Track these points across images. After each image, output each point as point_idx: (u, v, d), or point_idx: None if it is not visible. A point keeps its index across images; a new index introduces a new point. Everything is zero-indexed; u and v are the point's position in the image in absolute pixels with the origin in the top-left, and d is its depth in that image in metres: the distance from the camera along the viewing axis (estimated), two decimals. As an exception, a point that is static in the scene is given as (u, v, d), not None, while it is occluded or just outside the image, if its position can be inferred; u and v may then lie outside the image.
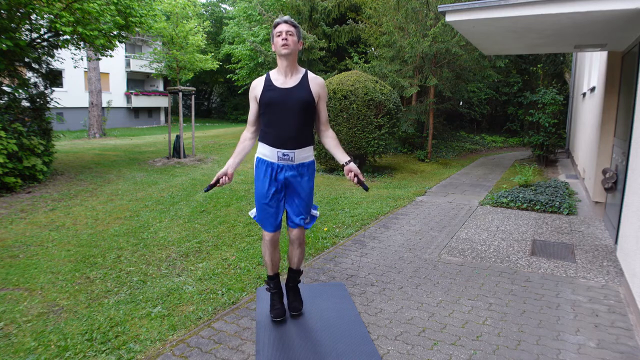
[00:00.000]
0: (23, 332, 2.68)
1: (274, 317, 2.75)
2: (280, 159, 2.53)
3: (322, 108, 2.63)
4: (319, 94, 2.57)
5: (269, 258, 2.73)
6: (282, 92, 2.49)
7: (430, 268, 3.78)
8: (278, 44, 2.45)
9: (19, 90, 7.23)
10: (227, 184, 2.55)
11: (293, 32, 2.47)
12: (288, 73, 2.52)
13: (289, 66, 2.50)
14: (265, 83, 2.53)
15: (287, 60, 2.48)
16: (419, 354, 2.47)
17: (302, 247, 2.78)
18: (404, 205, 6.12)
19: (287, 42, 2.43)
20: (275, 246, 2.73)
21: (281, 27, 2.46)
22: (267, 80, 2.54)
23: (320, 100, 2.60)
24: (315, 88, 2.55)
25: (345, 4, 14.43)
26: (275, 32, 2.48)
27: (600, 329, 2.75)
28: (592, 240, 4.56)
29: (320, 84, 2.58)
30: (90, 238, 4.50)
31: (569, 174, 8.77)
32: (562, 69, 16.24)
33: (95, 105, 16.56)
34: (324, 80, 2.69)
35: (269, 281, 2.83)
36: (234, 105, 31.95)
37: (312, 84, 2.54)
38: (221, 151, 12.22)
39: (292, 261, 2.83)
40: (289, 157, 2.53)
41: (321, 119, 2.66)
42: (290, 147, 2.51)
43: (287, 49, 2.43)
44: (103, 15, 7.22)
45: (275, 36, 2.48)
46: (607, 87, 5.56)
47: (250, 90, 2.60)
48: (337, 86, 8.45)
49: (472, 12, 4.37)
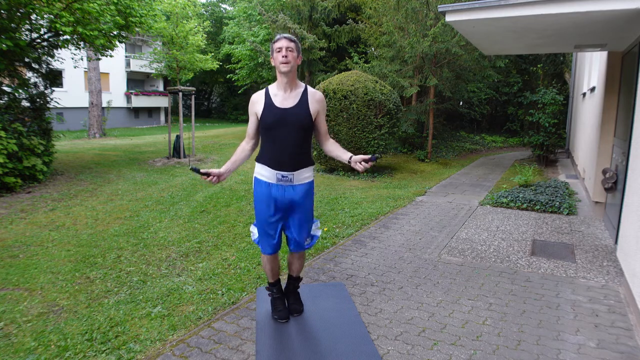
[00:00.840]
0: (23, 332, 2.69)
1: (278, 318, 2.80)
2: (279, 180, 2.53)
3: (321, 121, 2.64)
4: (317, 110, 2.57)
5: (269, 268, 2.78)
6: (281, 113, 2.48)
7: (430, 268, 3.78)
8: (278, 60, 2.46)
9: (19, 90, 7.23)
10: (213, 183, 2.55)
11: (293, 48, 2.47)
12: (287, 89, 2.52)
13: (288, 83, 2.51)
14: (266, 101, 2.52)
15: (287, 77, 2.49)
16: (419, 354, 2.47)
17: (302, 258, 2.83)
18: (404, 205, 6.12)
19: (288, 58, 2.44)
20: (275, 260, 2.77)
21: (281, 43, 2.45)
22: (267, 97, 2.53)
23: (319, 115, 2.61)
24: (314, 106, 2.54)
25: (345, 4, 14.43)
26: (275, 47, 2.48)
27: (600, 329, 2.75)
28: (592, 240, 4.56)
29: (319, 100, 2.59)
30: (90, 238, 4.51)
31: (569, 174, 8.77)
32: (562, 69, 16.24)
33: (95, 105, 16.56)
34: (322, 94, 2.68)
35: (271, 287, 2.87)
36: (234, 105, 31.96)
37: (311, 102, 2.54)
38: (221, 151, 12.22)
39: (291, 269, 2.87)
40: (288, 178, 2.53)
41: (321, 131, 2.67)
42: (289, 169, 2.52)
43: (287, 66, 2.44)
44: (103, 15, 7.22)
45: (275, 51, 2.48)
46: (607, 87, 5.56)
47: (250, 105, 2.60)
48: (337, 86, 8.45)
49: (472, 12, 4.37)
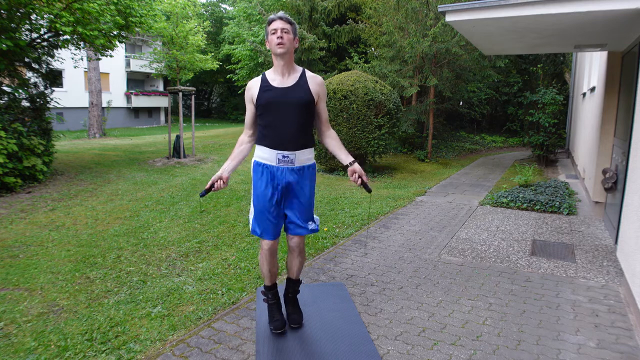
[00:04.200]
0: (23, 332, 2.68)
1: (274, 329, 2.62)
2: (280, 161, 2.41)
3: (322, 107, 2.53)
4: (318, 93, 2.46)
5: (267, 268, 2.60)
6: (280, 91, 2.37)
7: (430, 268, 3.78)
8: (273, 42, 2.33)
9: (19, 90, 7.23)
10: (223, 188, 2.46)
11: (288, 30, 2.34)
12: (285, 72, 2.40)
13: (285, 65, 2.38)
14: (262, 84, 2.41)
15: (283, 59, 2.36)
16: (419, 354, 2.47)
17: (302, 255, 2.66)
18: (404, 205, 6.12)
19: (283, 40, 2.30)
20: (274, 255, 2.59)
21: (276, 24, 2.32)
22: (264, 80, 2.42)
23: (320, 99, 2.50)
24: (314, 87, 2.43)
25: (345, 4, 14.43)
26: (269, 29, 2.35)
27: (600, 329, 2.75)
28: (592, 240, 4.56)
29: (319, 83, 2.47)
30: (90, 238, 4.51)
31: (569, 174, 8.76)
32: (562, 69, 16.23)
33: (95, 105, 16.56)
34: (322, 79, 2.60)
35: (267, 292, 2.70)
36: (234, 105, 31.95)
37: (310, 83, 2.43)
38: (221, 151, 12.22)
39: (291, 270, 2.70)
40: (289, 159, 2.41)
41: (322, 118, 2.56)
42: (290, 148, 2.40)
43: (283, 47, 2.31)
44: (103, 15, 7.22)
45: (270, 34, 2.35)
46: (607, 87, 5.56)
47: (246, 92, 2.48)
48: (337, 86, 8.45)
49: (472, 12, 4.38)
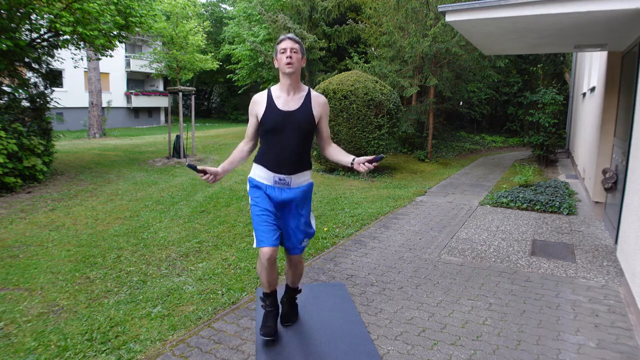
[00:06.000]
0: (23, 332, 2.68)
1: (263, 334, 2.53)
2: (276, 182, 2.47)
3: (323, 125, 2.58)
4: (320, 114, 2.53)
5: (265, 278, 2.54)
6: (283, 116, 2.43)
7: (430, 268, 3.78)
8: (282, 61, 2.40)
9: (19, 90, 7.23)
10: (210, 182, 2.49)
11: (297, 50, 2.41)
12: (291, 91, 2.47)
13: (292, 85, 2.46)
14: (268, 102, 2.46)
15: (290, 78, 2.43)
16: (419, 354, 2.47)
17: (301, 266, 2.73)
18: (404, 205, 6.12)
19: (292, 60, 2.39)
20: (273, 266, 2.52)
21: (285, 44, 2.40)
22: (269, 99, 2.47)
23: (322, 119, 2.56)
24: (317, 109, 2.50)
25: (345, 4, 14.42)
26: (279, 48, 2.42)
27: (600, 329, 2.76)
28: (592, 240, 4.56)
29: (322, 104, 2.54)
30: (90, 238, 4.50)
31: (569, 174, 8.77)
32: (562, 69, 16.23)
33: (95, 105, 16.56)
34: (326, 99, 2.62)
35: (265, 299, 2.66)
36: (234, 105, 31.96)
37: (314, 105, 2.50)
38: (221, 151, 12.22)
39: (290, 279, 2.77)
40: (285, 182, 2.47)
41: (323, 136, 2.61)
42: (287, 172, 2.46)
43: (292, 67, 2.39)
44: (103, 15, 7.22)
45: (280, 52, 2.42)
46: (607, 87, 5.56)
47: (251, 106, 2.52)
48: (337, 86, 8.45)
49: (472, 12, 4.37)
